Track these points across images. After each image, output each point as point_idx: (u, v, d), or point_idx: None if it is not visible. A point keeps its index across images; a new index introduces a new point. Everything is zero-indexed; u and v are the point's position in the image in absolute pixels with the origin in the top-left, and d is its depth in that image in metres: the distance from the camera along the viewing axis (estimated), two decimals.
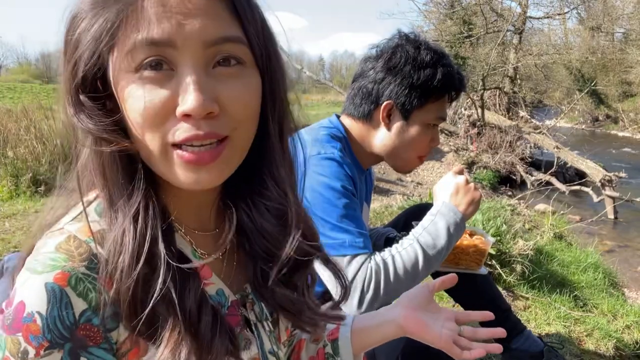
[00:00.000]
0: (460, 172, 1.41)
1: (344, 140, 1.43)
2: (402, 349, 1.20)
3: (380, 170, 6.75)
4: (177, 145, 0.56)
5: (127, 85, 0.54)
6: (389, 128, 1.41)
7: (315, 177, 1.28)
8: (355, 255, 1.23)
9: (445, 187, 1.39)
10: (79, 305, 0.55)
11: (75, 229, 0.59)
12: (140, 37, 0.53)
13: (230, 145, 0.58)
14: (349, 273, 1.22)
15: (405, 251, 1.28)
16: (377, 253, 1.28)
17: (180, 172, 0.57)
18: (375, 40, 1.63)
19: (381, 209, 4.39)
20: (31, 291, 0.54)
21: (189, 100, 0.53)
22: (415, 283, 1.31)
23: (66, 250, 0.56)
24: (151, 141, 0.55)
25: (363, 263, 1.23)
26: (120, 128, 0.57)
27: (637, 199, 6.85)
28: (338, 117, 1.50)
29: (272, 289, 0.70)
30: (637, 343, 2.44)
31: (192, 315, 0.59)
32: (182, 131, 0.54)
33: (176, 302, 0.57)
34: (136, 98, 0.54)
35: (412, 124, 1.40)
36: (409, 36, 1.42)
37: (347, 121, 1.47)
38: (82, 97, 0.56)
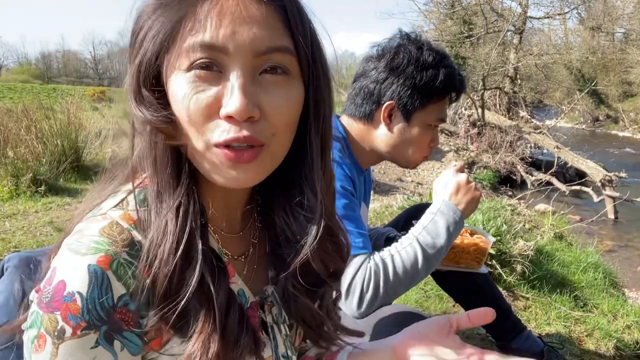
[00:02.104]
0: (461, 170, 1.41)
1: (343, 140, 1.42)
2: None
3: (380, 170, 6.75)
4: (217, 145, 0.58)
5: (177, 83, 0.57)
6: (389, 128, 1.41)
7: None
8: (354, 256, 1.23)
9: (445, 184, 1.39)
10: (119, 289, 0.56)
11: (117, 215, 0.60)
12: (197, 40, 0.55)
13: (266, 150, 0.60)
14: (349, 273, 1.22)
15: (404, 250, 1.27)
16: (376, 253, 1.28)
17: (220, 169, 0.59)
18: (375, 40, 1.63)
19: (381, 209, 4.40)
20: (73, 271, 0.55)
21: (233, 102, 0.55)
22: (415, 282, 1.31)
23: (109, 235, 0.58)
24: (194, 138, 0.58)
25: (362, 263, 1.23)
26: (172, 123, 0.59)
27: (637, 199, 6.85)
28: (337, 117, 1.50)
29: (296, 299, 0.71)
30: (637, 343, 2.44)
31: (222, 310, 0.60)
32: (223, 132, 0.57)
33: (214, 295, 0.59)
34: (184, 95, 0.57)
35: (413, 125, 1.40)
36: (411, 36, 1.42)
37: (347, 121, 1.47)
38: (143, 90, 0.59)
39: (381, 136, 1.42)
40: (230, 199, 0.69)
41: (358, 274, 1.22)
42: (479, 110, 9.14)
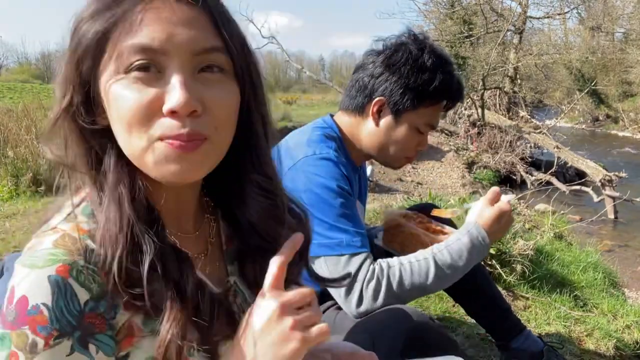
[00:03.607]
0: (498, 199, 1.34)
1: (338, 139, 1.42)
2: (404, 340, 1.18)
3: (381, 170, 6.75)
4: (161, 139, 0.59)
5: (115, 86, 0.58)
6: (377, 124, 1.41)
7: (312, 177, 1.27)
8: (353, 255, 1.23)
9: (492, 214, 1.31)
10: (83, 295, 0.56)
11: (67, 227, 0.61)
12: (133, 43, 0.57)
13: (209, 143, 0.61)
14: (348, 272, 1.22)
15: (417, 263, 1.25)
16: (385, 259, 1.26)
17: (164, 163, 0.60)
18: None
19: (381, 209, 4.39)
20: (33, 285, 0.55)
21: (175, 97, 0.57)
22: (422, 295, 1.29)
23: (63, 246, 0.58)
24: (138, 139, 0.59)
25: (363, 262, 1.23)
26: (108, 130, 0.61)
27: (637, 199, 6.85)
28: (331, 116, 1.50)
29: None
30: (637, 343, 2.44)
31: (194, 297, 0.62)
32: (167, 129, 0.58)
33: (183, 285, 0.61)
34: (124, 97, 0.58)
35: (400, 124, 1.39)
36: (417, 37, 1.41)
37: (340, 117, 1.47)
38: (76, 95, 0.61)
39: (368, 130, 1.42)
40: (180, 200, 0.70)
41: (359, 273, 1.21)
42: (479, 110, 9.14)
